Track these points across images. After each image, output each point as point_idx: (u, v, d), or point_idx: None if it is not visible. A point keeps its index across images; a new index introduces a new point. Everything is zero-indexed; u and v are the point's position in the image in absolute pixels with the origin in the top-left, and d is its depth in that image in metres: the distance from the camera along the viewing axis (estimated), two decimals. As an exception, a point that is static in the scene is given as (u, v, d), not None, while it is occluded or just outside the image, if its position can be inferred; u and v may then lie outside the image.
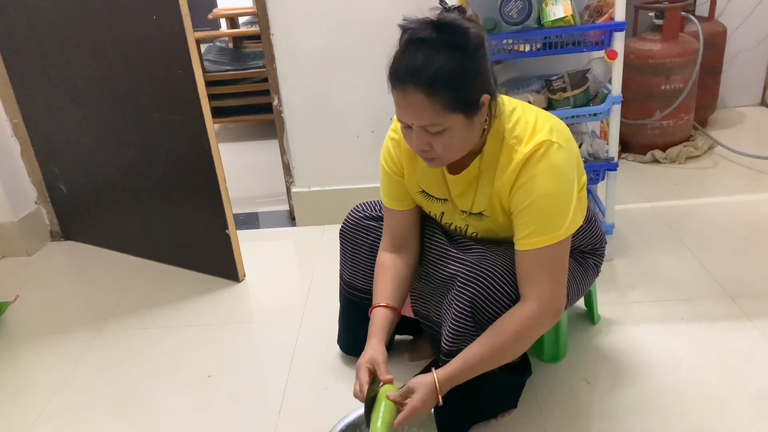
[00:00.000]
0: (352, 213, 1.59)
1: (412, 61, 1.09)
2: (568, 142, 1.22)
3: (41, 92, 2.27)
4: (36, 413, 1.63)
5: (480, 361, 1.20)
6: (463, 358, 1.21)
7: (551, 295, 1.21)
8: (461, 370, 1.20)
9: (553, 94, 1.93)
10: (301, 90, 2.36)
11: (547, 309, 1.21)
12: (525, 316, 1.20)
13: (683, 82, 2.76)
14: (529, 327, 1.21)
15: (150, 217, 2.29)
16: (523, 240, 1.21)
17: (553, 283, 1.22)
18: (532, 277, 1.21)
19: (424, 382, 1.19)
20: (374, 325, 1.34)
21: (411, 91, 1.09)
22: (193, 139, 1.98)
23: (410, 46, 1.11)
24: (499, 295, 1.25)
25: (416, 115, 1.11)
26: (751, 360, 1.60)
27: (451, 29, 1.09)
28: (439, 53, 1.08)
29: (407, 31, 1.12)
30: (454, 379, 1.21)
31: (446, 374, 1.20)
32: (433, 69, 1.07)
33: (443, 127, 1.12)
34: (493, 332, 1.21)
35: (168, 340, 1.90)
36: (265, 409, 1.58)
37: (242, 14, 4.04)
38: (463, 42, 1.09)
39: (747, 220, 2.31)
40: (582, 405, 1.50)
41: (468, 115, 1.13)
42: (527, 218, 1.19)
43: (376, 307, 1.37)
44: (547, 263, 1.20)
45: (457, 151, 1.18)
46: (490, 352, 1.20)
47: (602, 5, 1.85)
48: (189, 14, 1.82)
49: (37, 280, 2.33)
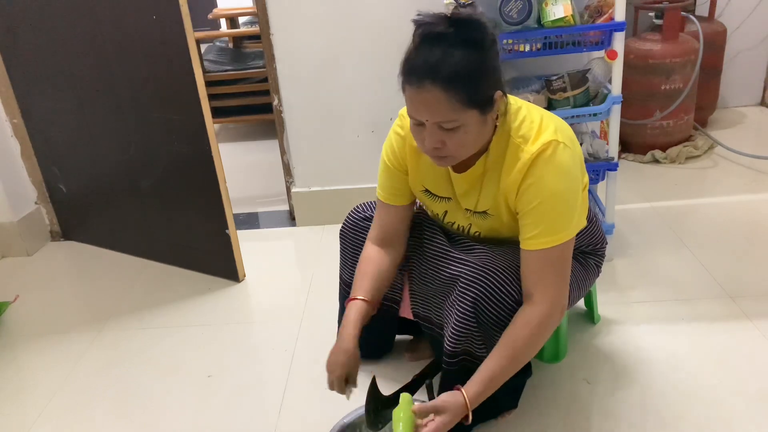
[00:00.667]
0: (352, 213, 1.59)
1: (429, 57, 1.08)
2: (573, 142, 1.22)
3: (41, 92, 2.27)
4: (36, 413, 1.63)
5: (501, 371, 1.20)
6: (486, 373, 1.19)
7: (559, 293, 1.23)
8: (487, 386, 1.19)
9: (553, 94, 1.93)
10: (301, 90, 2.36)
11: (555, 308, 1.22)
12: (538, 318, 1.20)
13: (683, 82, 2.77)
14: (542, 328, 1.21)
15: (150, 217, 2.29)
16: (530, 240, 1.21)
17: (560, 282, 1.23)
18: (540, 277, 1.21)
19: (455, 403, 1.16)
20: (349, 318, 1.33)
21: (428, 87, 1.08)
22: (193, 139, 1.98)
23: (426, 42, 1.10)
24: (502, 296, 1.25)
25: (433, 112, 1.11)
26: (751, 360, 1.60)
27: (468, 24, 1.08)
28: (457, 49, 1.07)
29: (422, 26, 1.11)
30: (482, 396, 1.19)
31: (475, 393, 1.18)
32: (452, 65, 1.07)
33: (458, 123, 1.11)
34: (510, 339, 1.21)
35: (168, 340, 1.90)
36: (265, 409, 1.58)
37: (242, 14, 4.04)
38: (480, 38, 1.09)
39: (747, 220, 2.31)
40: (582, 405, 1.50)
41: (482, 112, 1.13)
42: (535, 218, 1.19)
43: (354, 299, 1.36)
44: (553, 263, 1.21)
45: (469, 148, 1.18)
46: (510, 360, 1.20)
47: (602, 5, 1.85)
48: (189, 14, 1.82)
49: (37, 280, 2.33)
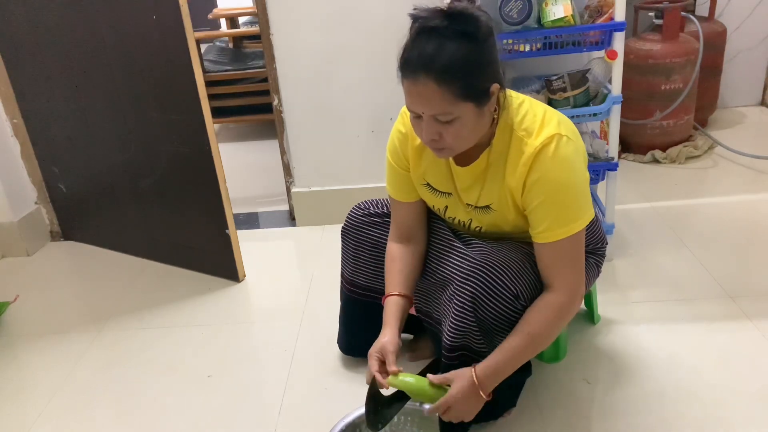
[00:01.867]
0: (354, 210, 1.59)
1: (424, 50, 1.09)
2: (576, 136, 1.23)
3: (41, 92, 2.27)
4: (36, 413, 1.63)
5: (517, 351, 1.23)
6: (501, 350, 1.23)
7: (576, 282, 1.26)
8: (500, 362, 1.22)
9: (553, 94, 1.93)
10: (301, 90, 2.36)
11: (574, 296, 1.26)
12: (556, 305, 1.24)
13: (683, 82, 2.76)
14: (560, 314, 1.25)
15: (150, 217, 2.29)
16: (542, 233, 1.22)
17: (576, 271, 1.26)
18: (556, 268, 1.24)
19: (462, 373, 1.22)
20: (388, 313, 1.36)
21: (422, 80, 1.09)
22: (193, 139, 1.98)
23: (421, 35, 1.11)
24: (500, 290, 1.26)
25: (427, 104, 1.12)
26: (751, 360, 1.60)
27: (462, 17, 1.09)
28: (451, 41, 1.08)
29: (418, 20, 1.12)
30: (494, 370, 1.22)
31: (485, 366, 1.22)
32: (445, 57, 1.07)
33: (454, 115, 1.12)
34: (527, 322, 1.24)
35: (168, 340, 1.90)
36: (265, 408, 1.58)
37: (242, 14, 4.05)
38: (473, 30, 1.09)
39: (747, 220, 2.31)
40: (582, 405, 1.50)
41: (478, 104, 1.13)
42: (544, 212, 1.21)
43: (389, 296, 1.39)
44: (568, 253, 1.23)
45: (467, 140, 1.19)
46: (527, 342, 1.23)
47: (602, 5, 1.85)
48: (189, 14, 1.82)
49: (37, 280, 2.33)
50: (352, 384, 1.61)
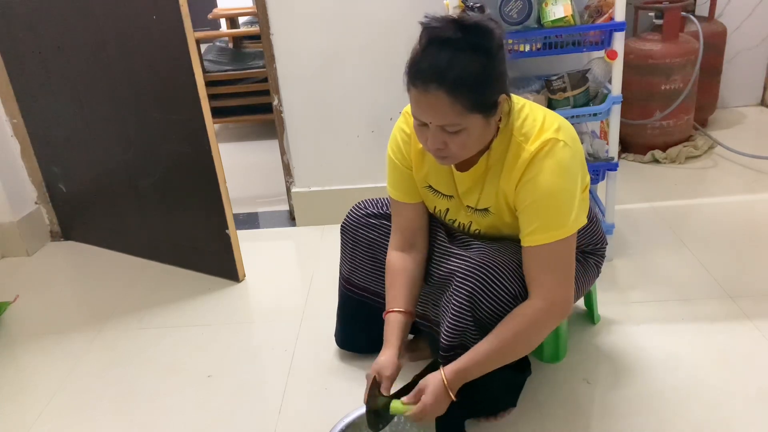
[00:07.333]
0: (354, 209, 1.60)
1: (436, 61, 1.08)
2: (574, 142, 1.22)
3: (41, 92, 2.27)
4: (36, 413, 1.63)
5: (487, 356, 1.21)
6: (470, 354, 1.22)
7: (556, 291, 1.22)
8: (468, 366, 1.21)
9: (553, 94, 1.93)
10: (301, 90, 2.36)
11: (552, 305, 1.22)
12: (530, 313, 1.21)
13: (683, 82, 2.76)
14: (534, 323, 1.22)
15: (150, 217, 2.29)
16: (527, 237, 1.22)
17: (559, 280, 1.23)
18: (538, 274, 1.22)
19: (433, 379, 1.21)
20: (388, 331, 1.35)
21: (433, 91, 1.08)
22: (193, 139, 1.98)
23: (433, 45, 1.10)
24: (497, 290, 1.26)
25: (436, 115, 1.11)
26: (751, 360, 1.60)
27: (476, 30, 1.08)
28: (464, 54, 1.07)
29: (429, 30, 1.11)
30: (463, 374, 1.21)
31: (453, 369, 1.21)
32: (458, 70, 1.07)
33: (462, 126, 1.12)
34: (501, 329, 1.22)
35: (168, 340, 1.90)
36: (265, 409, 1.58)
37: (242, 14, 4.05)
38: (487, 44, 1.09)
39: (747, 220, 2.31)
40: (582, 405, 1.50)
41: (486, 116, 1.14)
42: (531, 215, 1.20)
43: (391, 312, 1.37)
44: (551, 260, 1.21)
45: (472, 149, 1.19)
46: (497, 348, 1.21)
47: (602, 5, 1.85)
48: (189, 14, 1.82)
49: (37, 280, 2.33)
50: (352, 384, 1.61)
